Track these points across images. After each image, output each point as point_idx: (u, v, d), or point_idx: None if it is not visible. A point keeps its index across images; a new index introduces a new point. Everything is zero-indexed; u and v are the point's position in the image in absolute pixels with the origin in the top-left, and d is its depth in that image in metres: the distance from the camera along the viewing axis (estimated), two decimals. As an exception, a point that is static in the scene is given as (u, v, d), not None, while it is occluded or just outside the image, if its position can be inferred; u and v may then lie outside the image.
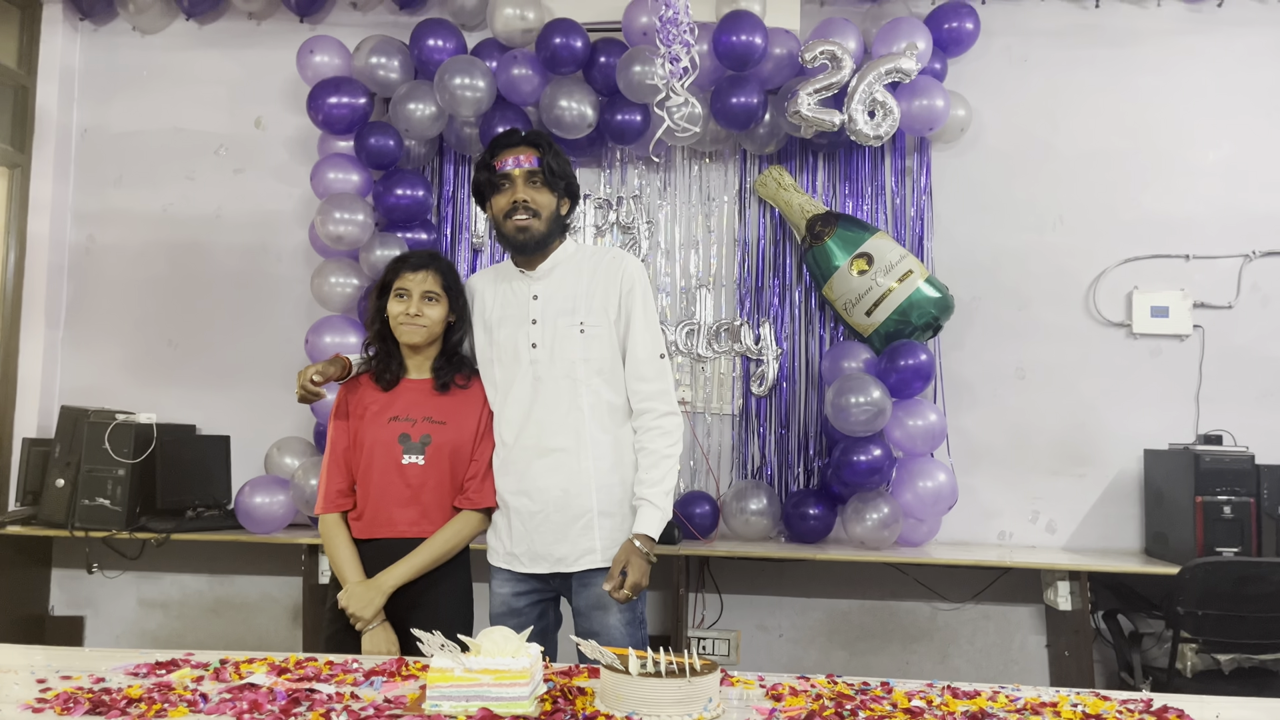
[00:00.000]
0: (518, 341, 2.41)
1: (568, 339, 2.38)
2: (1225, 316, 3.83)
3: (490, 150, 2.42)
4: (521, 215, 2.36)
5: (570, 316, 2.40)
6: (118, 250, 4.30)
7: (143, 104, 4.33)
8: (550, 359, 2.38)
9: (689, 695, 1.61)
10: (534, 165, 2.37)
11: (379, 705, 1.66)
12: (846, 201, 3.96)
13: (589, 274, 2.44)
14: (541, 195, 2.38)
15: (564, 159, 2.44)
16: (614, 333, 2.40)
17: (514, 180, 2.37)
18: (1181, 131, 3.91)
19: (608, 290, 2.42)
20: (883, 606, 3.95)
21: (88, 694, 1.69)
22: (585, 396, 2.37)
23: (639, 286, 2.43)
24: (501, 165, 2.37)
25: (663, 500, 2.33)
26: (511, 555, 2.42)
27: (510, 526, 2.41)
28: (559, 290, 2.43)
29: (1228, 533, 3.37)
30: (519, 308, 2.44)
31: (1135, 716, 1.68)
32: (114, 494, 3.63)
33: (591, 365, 2.38)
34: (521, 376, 2.39)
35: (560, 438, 2.36)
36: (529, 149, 2.38)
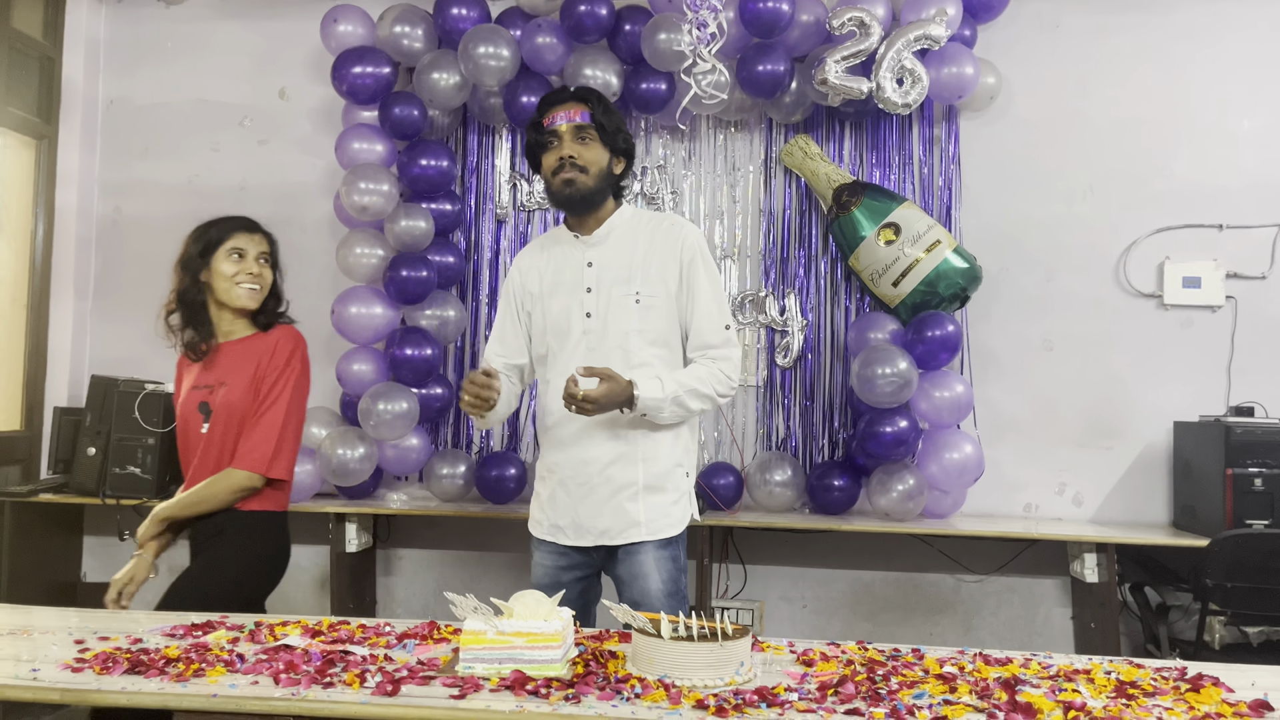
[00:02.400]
0: (570, 310, 2.33)
1: (622, 309, 2.30)
2: (1258, 287, 3.78)
3: (540, 108, 2.34)
4: (569, 170, 2.28)
5: (626, 286, 2.31)
6: (144, 222, 4.32)
7: (167, 75, 4.34)
8: (604, 329, 2.30)
9: (721, 659, 1.62)
10: (583, 120, 2.28)
11: (412, 667, 1.67)
12: (873, 171, 3.93)
13: (645, 241, 2.35)
14: (590, 151, 2.29)
15: (616, 115, 2.35)
16: (672, 305, 2.32)
17: (561, 136, 2.29)
18: (1215, 99, 3.85)
19: (666, 259, 2.33)
20: (906, 578, 3.95)
21: (126, 654, 1.71)
22: (637, 369, 2.27)
23: (700, 256, 2.34)
24: (550, 121, 2.30)
25: (672, 395, 2.22)
26: (556, 528, 2.36)
27: (554, 497, 2.36)
28: (614, 258, 2.34)
29: (1258, 505, 3.34)
30: (573, 274, 2.36)
31: (1170, 684, 1.67)
32: (144, 462, 3.67)
33: (645, 337, 2.30)
34: (573, 347, 2.32)
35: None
36: (577, 104, 2.30)
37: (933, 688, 1.61)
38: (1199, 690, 1.62)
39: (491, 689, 1.57)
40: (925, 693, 1.58)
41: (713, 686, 1.58)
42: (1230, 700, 1.58)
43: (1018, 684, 1.63)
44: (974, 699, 1.55)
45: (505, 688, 1.57)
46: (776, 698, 1.53)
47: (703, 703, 1.50)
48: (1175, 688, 1.65)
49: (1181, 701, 1.57)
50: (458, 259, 3.99)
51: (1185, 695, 1.60)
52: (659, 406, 2.22)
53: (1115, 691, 1.61)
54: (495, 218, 4.10)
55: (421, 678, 1.61)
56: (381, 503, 3.83)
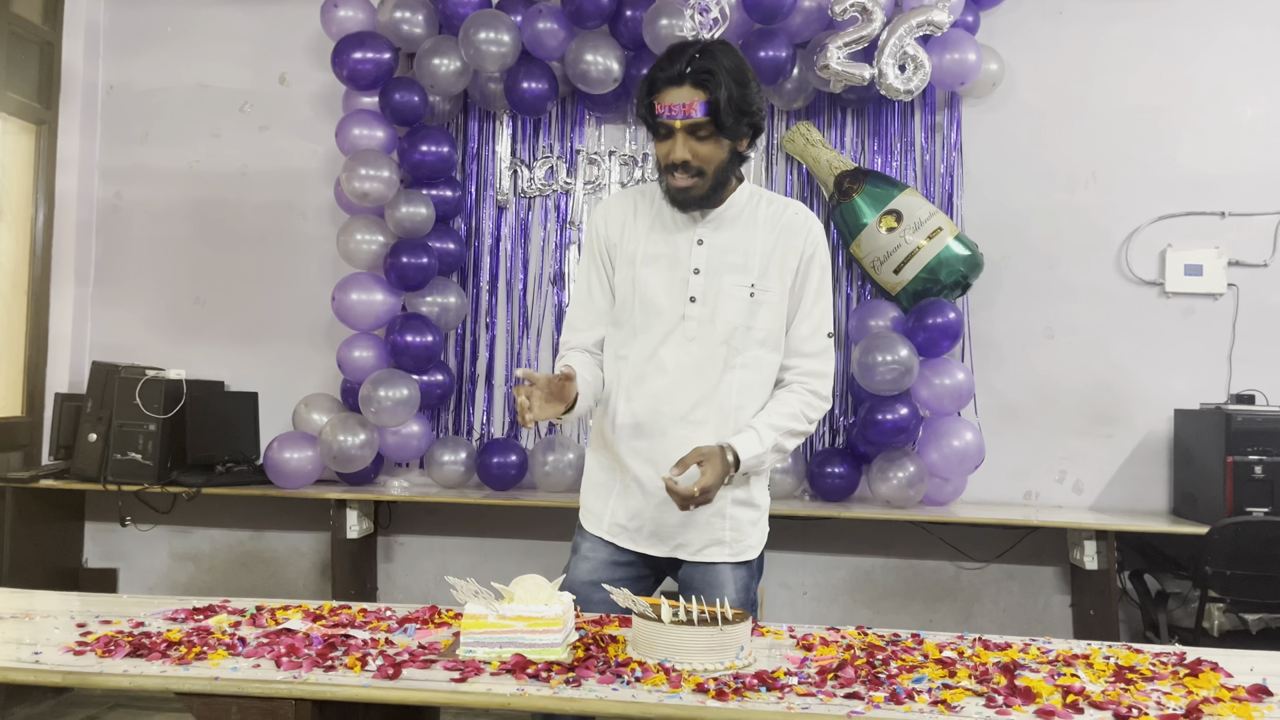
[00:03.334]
0: (672, 288, 2.06)
1: (733, 300, 2.04)
2: (1260, 275, 3.78)
3: (652, 81, 1.96)
4: (681, 176, 1.97)
5: (740, 275, 2.05)
6: (145, 208, 4.31)
7: (167, 61, 4.32)
8: (710, 319, 2.04)
9: (721, 644, 1.62)
10: (700, 115, 1.91)
11: (413, 651, 1.68)
12: (875, 158, 3.92)
13: (766, 229, 2.08)
14: (708, 148, 1.96)
15: (745, 90, 1.95)
16: (784, 303, 2.08)
17: (675, 133, 1.95)
18: (1218, 86, 3.83)
19: (787, 252, 2.07)
20: (906, 565, 3.95)
21: (128, 637, 1.72)
22: (739, 369, 2.05)
23: (821, 253, 2.10)
24: (662, 111, 1.94)
25: (771, 446, 2.00)
26: (620, 528, 2.11)
27: (627, 496, 2.10)
28: (731, 242, 2.07)
29: (1258, 493, 3.34)
30: (679, 249, 2.08)
31: (1168, 669, 1.68)
32: (145, 448, 3.68)
33: (754, 335, 2.05)
34: (666, 330, 2.06)
35: (705, 410, 2.05)
36: (695, 91, 1.91)
37: (932, 672, 1.61)
38: (1197, 675, 1.63)
39: (492, 672, 1.57)
40: (925, 677, 1.58)
41: (713, 670, 1.59)
42: (1229, 685, 1.58)
43: (1017, 668, 1.64)
44: (973, 683, 1.56)
45: (506, 671, 1.57)
46: (776, 681, 1.54)
47: (703, 686, 1.51)
48: (1174, 672, 1.65)
49: (1180, 686, 1.58)
50: (458, 245, 3.98)
51: (1184, 680, 1.61)
52: (761, 462, 2.02)
53: (1114, 676, 1.62)
54: (496, 204, 4.09)
55: (422, 661, 1.62)
56: (382, 489, 3.84)
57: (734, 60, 1.96)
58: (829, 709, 1.44)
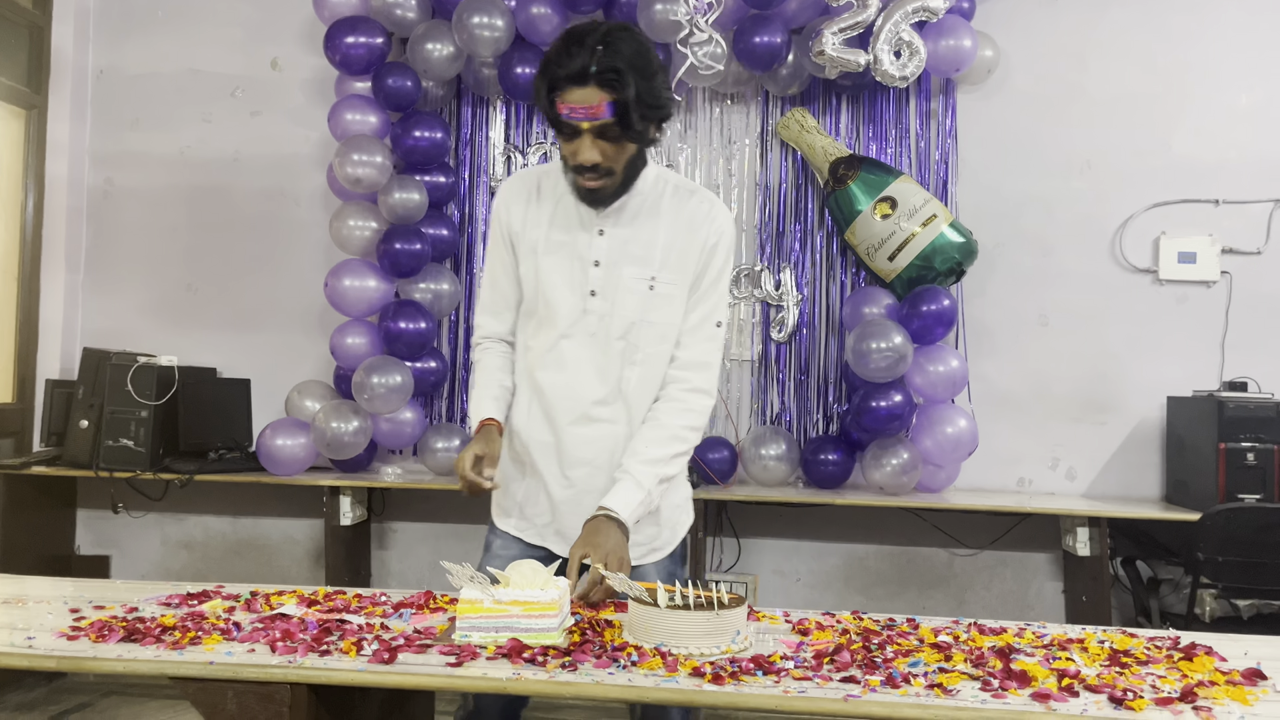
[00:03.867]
0: (572, 280, 2.00)
1: (632, 294, 1.98)
2: (1254, 262, 3.78)
3: (553, 80, 1.83)
4: (591, 177, 1.89)
5: (640, 267, 1.98)
6: (136, 193, 4.28)
7: (158, 45, 4.29)
8: (610, 313, 1.98)
9: (717, 628, 1.62)
10: (608, 116, 1.80)
11: (409, 635, 1.67)
12: (870, 145, 3.91)
13: (670, 219, 2.00)
14: (616, 147, 1.87)
15: (651, 84, 1.84)
16: (686, 295, 2.01)
17: (582, 133, 1.84)
18: (1213, 73, 3.83)
19: (689, 243, 1.99)
20: (900, 552, 3.96)
21: (122, 623, 1.71)
22: (640, 365, 2.00)
23: (724, 243, 2.02)
24: (566, 112, 1.82)
25: (652, 483, 1.93)
26: (528, 523, 2.08)
27: (534, 493, 2.07)
28: (632, 233, 1.99)
29: (1250, 479, 3.35)
30: (580, 240, 2.00)
31: (1163, 653, 1.68)
32: (137, 435, 3.66)
33: (655, 330, 2.00)
34: (570, 323, 2.00)
35: (604, 408, 2.00)
36: (602, 92, 1.79)
37: (928, 656, 1.62)
38: (1192, 659, 1.63)
39: (488, 657, 1.57)
40: (920, 661, 1.58)
41: (709, 655, 1.59)
42: (1223, 669, 1.59)
43: (1012, 653, 1.64)
44: (969, 667, 1.56)
45: (502, 656, 1.57)
46: (772, 666, 1.54)
47: (699, 670, 1.51)
48: (1168, 656, 1.66)
49: (1175, 670, 1.58)
50: (451, 232, 3.97)
51: (1178, 664, 1.61)
52: (648, 504, 1.94)
53: (1109, 660, 1.62)
54: (489, 190, 4.07)
55: (418, 646, 1.61)
56: (376, 476, 3.83)
57: (638, 51, 1.83)
58: (825, 693, 1.44)
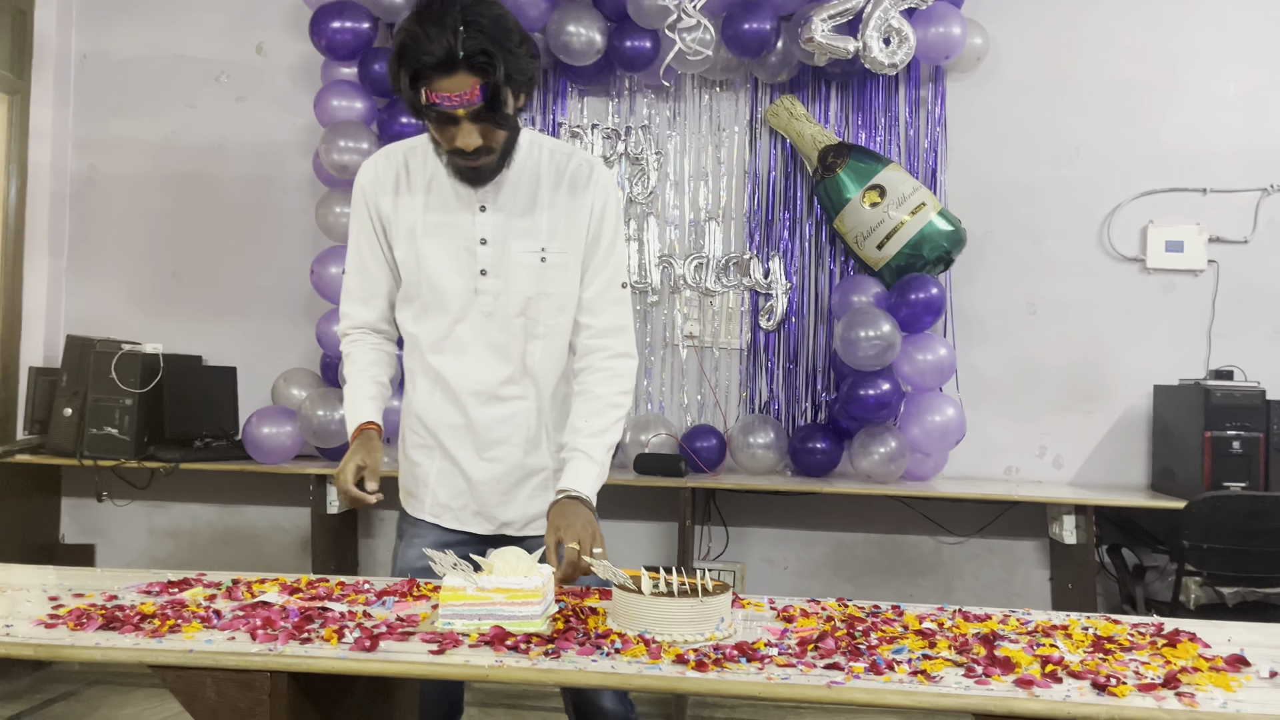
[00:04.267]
0: (459, 262, 1.94)
1: (524, 268, 1.94)
2: (1240, 251, 3.79)
3: (415, 71, 1.72)
4: (472, 160, 1.83)
5: (529, 240, 1.94)
6: (120, 180, 4.25)
7: (142, 30, 4.25)
8: (504, 290, 1.94)
9: (701, 615, 1.61)
10: (479, 100, 1.72)
11: (391, 623, 1.66)
12: (859, 132, 3.90)
13: (551, 184, 1.96)
14: (492, 126, 1.80)
15: (517, 57, 1.75)
16: (579, 262, 1.99)
17: (459, 120, 1.77)
18: (1202, 62, 3.83)
19: (575, 208, 1.96)
20: (888, 540, 3.97)
21: (101, 610, 1.70)
22: (542, 339, 1.98)
23: (611, 203, 1.98)
24: (438, 101, 1.72)
25: (602, 454, 1.93)
26: (444, 508, 2.05)
27: (447, 477, 2.04)
28: (515, 204, 1.94)
29: (1235, 468, 3.37)
30: (460, 215, 1.93)
31: (1147, 639, 1.68)
32: (122, 423, 3.64)
33: (552, 301, 1.96)
34: (463, 306, 1.95)
35: (512, 386, 1.98)
36: (473, 77, 1.71)
37: (912, 643, 1.61)
38: (1176, 645, 1.64)
39: (471, 644, 1.56)
40: (904, 648, 1.58)
41: (693, 641, 1.58)
42: (1207, 655, 1.59)
43: (996, 639, 1.64)
44: (953, 654, 1.56)
45: (484, 643, 1.56)
46: (756, 652, 1.53)
47: (683, 657, 1.50)
48: (1152, 643, 1.66)
49: (1158, 656, 1.58)
50: (439, 219, 3.94)
51: (1162, 650, 1.61)
52: (603, 474, 1.95)
53: (1093, 646, 1.62)
54: (477, 178, 4.04)
55: (400, 633, 1.60)
56: (363, 464, 3.81)
57: (500, 24, 1.73)
58: (809, 680, 1.44)
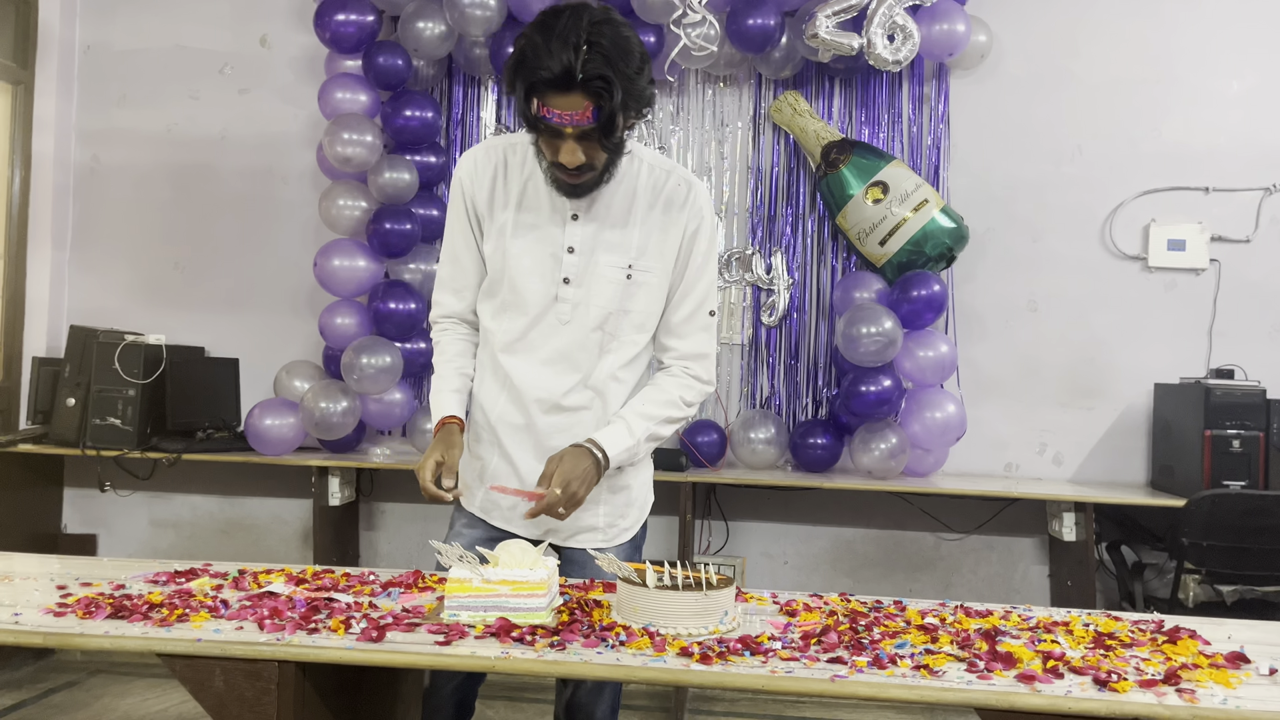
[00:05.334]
0: (543, 266, 1.92)
1: (608, 282, 1.91)
2: (1242, 250, 3.80)
3: (531, 84, 1.72)
4: (573, 176, 1.83)
5: (617, 255, 1.91)
6: (123, 171, 4.25)
7: (145, 21, 4.25)
8: (585, 301, 1.92)
9: (705, 608, 1.62)
10: (590, 122, 1.73)
11: (397, 614, 1.67)
12: (862, 129, 3.90)
13: (647, 201, 1.93)
14: (598, 147, 1.80)
15: (636, 83, 1.75)
16: (666, 282, 1.95)
17: (565, 137, 1.76)
18: (1205, 61, 3.83)
19: (668, 227, 1.93)
20: (887, 536, 3.98)
21: (109, 599, 1.71)
22: (615, 354, 1.95)
23: (705, 226, 1.95)
24: (549, 116, 1.73)
25: (641, 429, 1.91)
26: (493, 504, 2.02)
27: (499, 474, 2.00)
28: (607, 215, 1.92)
29: (1235, 466, 3.37)
30: (552, 224, 1.92)
31: (1147, 636, 1.70)
32: (125, 414, 3.64)
33: (632, 319, 1.94)
34: (541, 311, 1.93)
35: (578, 396, 1.95)
36: (587, 99, 1.70)
37: (914, 638, 1.63)
38: (1176, 642, 1.65)
39: (476, 636, 1.57)
40: (907, 643, 1.59)
41: (697, 635, 1.59)
42: (1207, 652, 1.60)
43: (998, 635, 1.65)
44: (955, 649, 1.57)
45: (490, 635, 1.57)
46: (760, 646, 1.55)
47: (687, 650, 1.51)
48: (1152, 639, 1.67)
49: (1159, 653, 1.59)
50: (442, 212, 3.93)
51: (1162, 647, 1.63)
52: (633, 454, 1.93)
53: (1093, 643, 1.64)
54: (480, 171, 4.05)
55: (406, 624, 1.62)
56: (364, 456, 3.82)
57: (623, 48, 1.72)
58: (812, 673, 1.45)
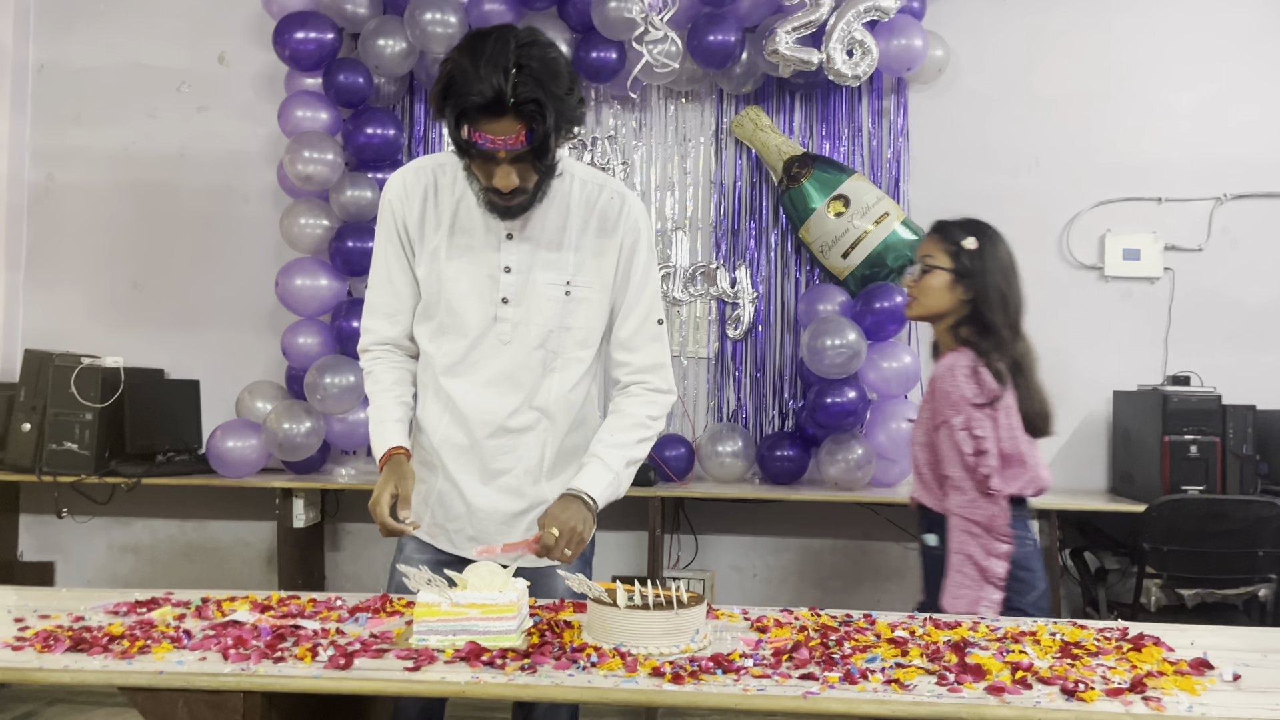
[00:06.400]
0: (481, 287, 1.90)
1: (547, 300, 1.90)
2: (1195, 259, 3.87)
3: (461, 110, 1.69)
4: (507, 199, 1.80)
5: (555, 272, 1.90)
6: (79, 190, 4.19)
7: (101, 38, 4.19)
8: (525, 321, 1.90)
9: (676, 627, 1.62)
10: (523, 146, 1.71)
11: (365, 640, 1.65)
12: (823, 143, 3.94)
13: (581, 216, 1.92)
14: (532, 168, 1.78)
15: (567, 104, 1.72)
16: (605, 298, 1.94)
17: (499, 161, 1.74)
18: (1157, 73, 3.92)
19: (604, 242, 1.92)
20: (855, 546, 4.00)
21: (68, 632, 1.67)
22: (559, 372, 1.93)
23: (643, 238, 1.94)
24: (482, 141, 1.70)
25: (619, 464, 1.89)
26: (440, 529, 1.99)
27: (447, 499, 1.98)
28: (543, 235, 1.90)
29: (1193, 471, 3.43)
30: (485, 241, 1.90)
31: (1112, 644, 1.72)
32: (82, 438, 3.58)
33: (574, 336, 1.93)
34: (480, 332, 1.91)
35: (523, 416, 1.93)
36: (518, 122, 1.68)
37: (885, 652, 1.63)
38: (1140, 650, 1.67)
39: (446, 661, 1.56)
40: (878, 657, 1.60)
41: (668, 654, 1.59)
42: (1171, 659, 1.62)
43: (967, 646, 1.66)
44: (925, 662, 1.58)
45: (460, 659, 1.56)
46: (732, 664, 1.55)
47: (659, 670, 1.51)
48: (1118, 647, 1.69)
49: (1124, 661, 1.61)
50: (405, 230, 3.92)
51: (1128, 654, 1.65)
52: (617, 487, 1.90)
53: (1060, 652, 1.65)
54: (443, 188, 4.03)
55: (375, 651, 1.60)
56: (329, 477, 3.78)
57: (552, 70, 1.70)
58: (784, 690, 1.45)
